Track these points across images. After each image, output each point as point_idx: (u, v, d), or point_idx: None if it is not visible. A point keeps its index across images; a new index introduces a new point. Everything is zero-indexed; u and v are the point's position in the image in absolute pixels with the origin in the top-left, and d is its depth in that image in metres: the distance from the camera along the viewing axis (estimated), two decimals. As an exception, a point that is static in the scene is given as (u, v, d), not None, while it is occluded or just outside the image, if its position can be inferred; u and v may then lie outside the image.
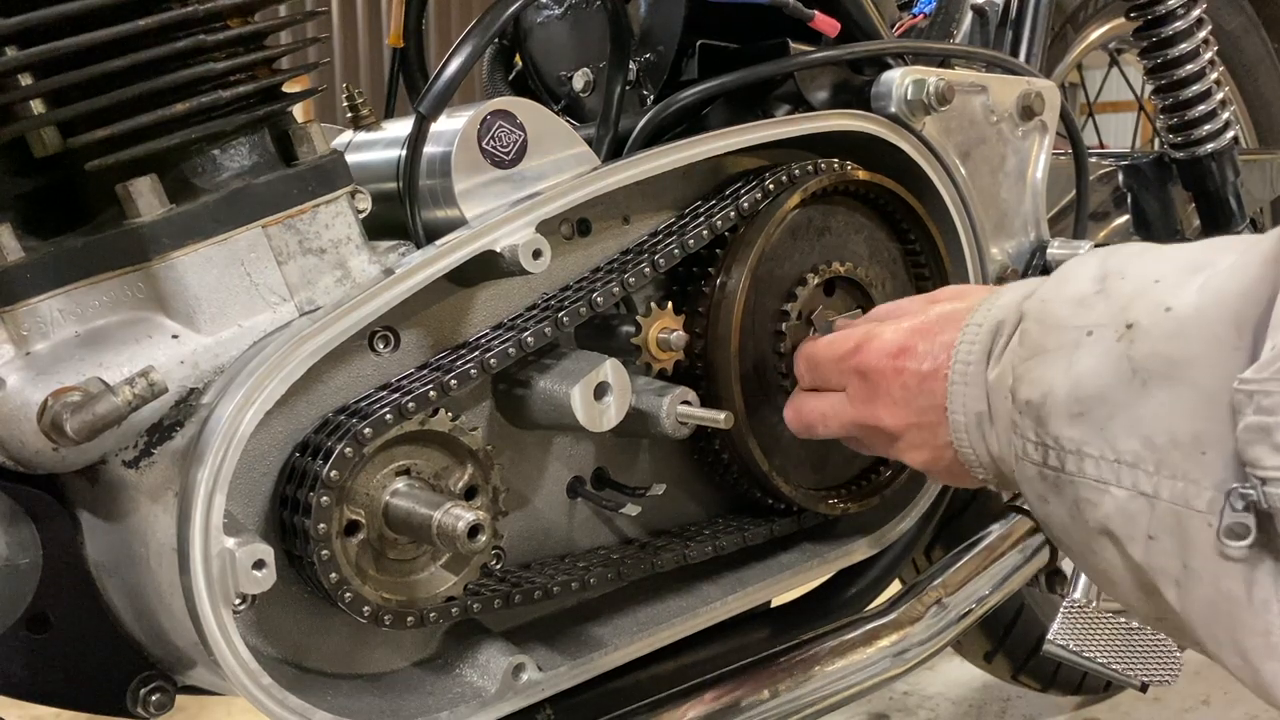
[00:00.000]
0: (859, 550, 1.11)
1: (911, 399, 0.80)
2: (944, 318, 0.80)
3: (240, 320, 0.81)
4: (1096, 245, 1.22)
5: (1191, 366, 0.60)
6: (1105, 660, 1.13)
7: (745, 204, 0.98)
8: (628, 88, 1.04)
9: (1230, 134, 1.55)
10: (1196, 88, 1.51)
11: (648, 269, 0.93)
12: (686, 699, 1.00)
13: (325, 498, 0.79)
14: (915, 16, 1.36)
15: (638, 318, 0.93)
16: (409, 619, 0.84)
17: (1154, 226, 1.59)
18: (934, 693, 1.84)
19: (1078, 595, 1.16)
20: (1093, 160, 1.49)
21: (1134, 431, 0.62)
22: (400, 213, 0.90)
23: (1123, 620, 1.13)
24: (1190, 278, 0.62)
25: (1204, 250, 0.65)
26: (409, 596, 0.84)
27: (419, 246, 0.88)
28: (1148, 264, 0.66)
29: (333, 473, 0.78)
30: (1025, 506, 1.22)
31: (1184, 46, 1.50)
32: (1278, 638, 0.57)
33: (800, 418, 0.93)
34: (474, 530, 0.78)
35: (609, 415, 0.88)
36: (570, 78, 1.20)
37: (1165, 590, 0.61)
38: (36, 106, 0.78)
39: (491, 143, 0.89)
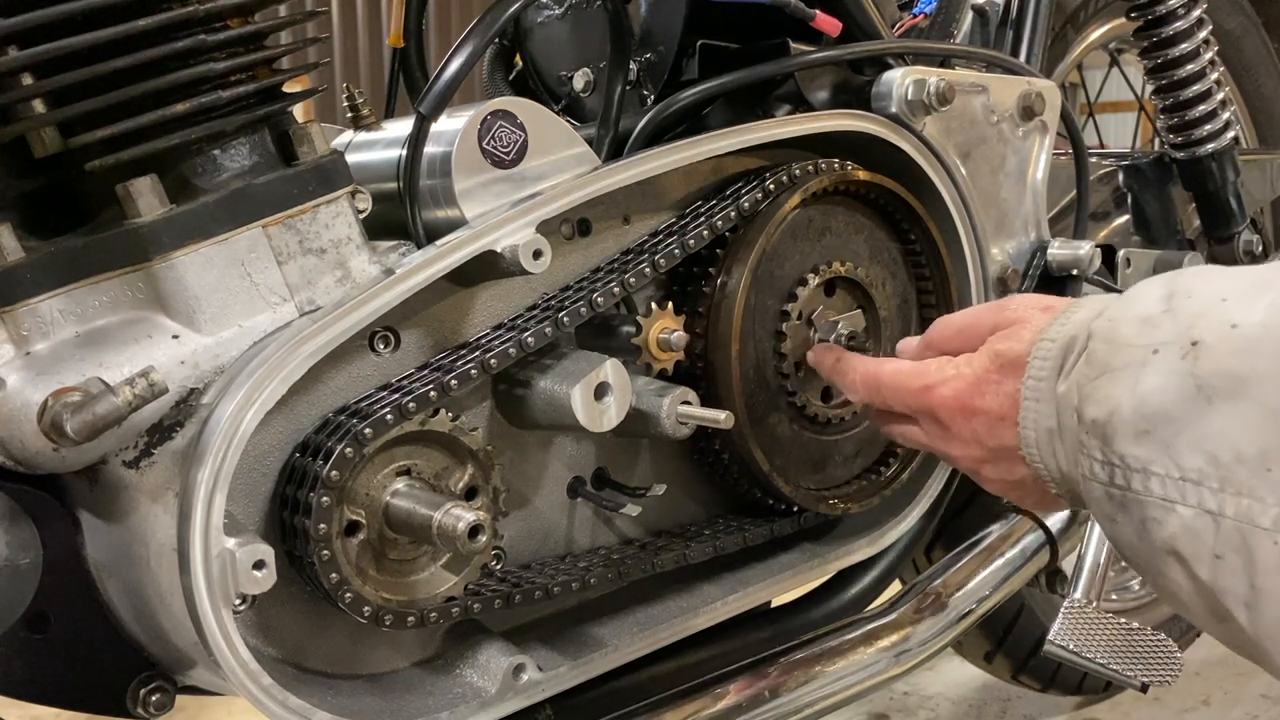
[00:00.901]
0: (859, 550, 1.11)
1: (983, 441, 0.81)
2: (1008, 364, 0.79)
3: (240, 320, 0.81)
4: (1097, 245, 1.22)
5: (1257, 384, 0.59)
6: (1105, 660, 1.12)
7: (746, 204, 0.98)
8: (628, 88, 1.04)
9: (1230, 134, 1.55)
10: (1197, 88, 1.51)
11: (648, 269, 0.93)
12: (686, 699, 1.00)
13: (326, 498, 0.78)
14: (915, 16, 1.36)
15: (638, 318, 0.93)
16: (409, 619, 0.83)
17: (1154, 227, 1.59)
18: (934, 693, 1.84)
19: (1078, 595, 1.16)
20: (1093, 160, 1.49)
21: (1199, 448, 0.61)
22: (400, 213, 0.90)
23: (1123, 620, 1.13)
24: (1259, 295, 0.62)
25: (1275, 269, 0.64)
26: (409, 597, 0.84)
27: (419, 246, 0.88)
28: (1216, 282, 0.66)
29: (333, 473, 0.78)
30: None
31: (1184, 46, 1.50)
32: None
33: (884, 426, 0.95)
34: (474, 530, 0.78)
35: (609, 415, 0.88)
36: (570, 78, 1.20)
37: (1235, 612, 0.61)
38: (37, 106, 0.78)
39: (492, 143, 0.89)
